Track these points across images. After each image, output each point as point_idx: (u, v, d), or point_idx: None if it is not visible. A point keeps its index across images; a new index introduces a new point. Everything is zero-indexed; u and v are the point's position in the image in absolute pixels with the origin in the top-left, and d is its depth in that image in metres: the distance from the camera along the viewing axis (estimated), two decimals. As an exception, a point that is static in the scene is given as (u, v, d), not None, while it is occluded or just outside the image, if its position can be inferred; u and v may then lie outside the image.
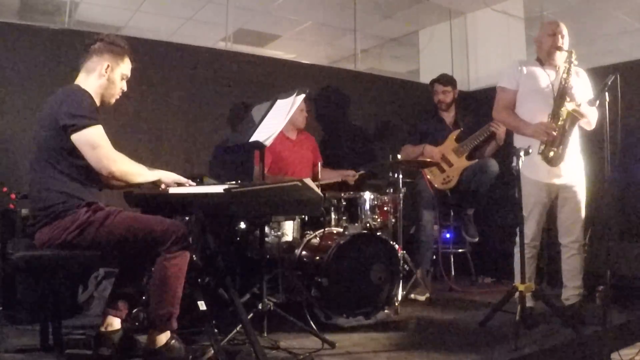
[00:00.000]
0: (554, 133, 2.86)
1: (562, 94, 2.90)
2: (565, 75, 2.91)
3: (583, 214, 3.04)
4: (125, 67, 2.36)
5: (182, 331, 2.32)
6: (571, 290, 3.04)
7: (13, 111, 3.29)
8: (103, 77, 2.28)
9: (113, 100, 2.37)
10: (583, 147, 3.12)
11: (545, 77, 3.02)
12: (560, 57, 3.02)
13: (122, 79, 2.36)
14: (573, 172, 3.01)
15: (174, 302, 2.14)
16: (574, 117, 2.86)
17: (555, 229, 3.15)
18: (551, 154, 2.90)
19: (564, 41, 3.02)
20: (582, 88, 3.03)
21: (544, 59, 3.09)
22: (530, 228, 3.03)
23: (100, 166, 2.10)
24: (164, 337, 2.15)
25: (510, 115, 3.10)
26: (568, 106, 2.87)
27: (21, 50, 3.34)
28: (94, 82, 2.28)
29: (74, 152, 2.11)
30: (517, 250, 3.06)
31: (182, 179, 2.29)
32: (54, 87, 2.27)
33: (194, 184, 2.34)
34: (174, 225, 2.14)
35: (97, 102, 2.28)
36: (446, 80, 4.16)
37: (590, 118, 2.97)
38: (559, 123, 2.88)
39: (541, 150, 2.90)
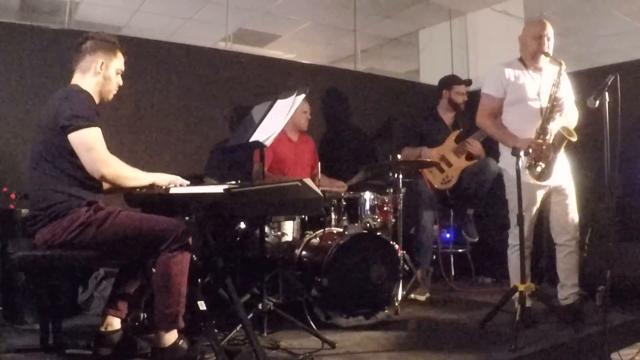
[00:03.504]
0: (544, 149, 2.83)
1: (552, 109, 2.85)
2: (555, 89, 2.86)
3: (576, 211, 3.02)
4: (118, 62, 2.36)
5: (183, 331, 2.31)
6: (570, 288, 3.04)
7: (13, 111, 3.29)
8: (99, 75, 2.29)
9: (111, 96, 2.37)
10: (583, 147, 3.11)
11: (531, 84, 2.97)
12: (544, 60, 2.98)
13: (117, 73, 2.36)
14: (561, 173, 2.99)
15: (179, 300, 2.14)
16: (563, 136, 2.81)
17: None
18: (538, 169, 2.87)
19: (550, 44, 2.95)
20: (567, 92, 3.00)
21: (528, 61, 3.02)
22: (524, 230, 3.03)
23: (92, 169, 2.10)
24: (171, 337, 2.15)
25: (496, 125, 3.05)
26: (558, 123, 2.83)
27: (21, 50, 3.34)
28: (90, 80, 2.28)
29: (73, 152, 2.11)
30: (509, 252, 3.08)
31: (178, 180, 2.29)
32: (54, 87, 2.28)
33: (188, 183, 2.34)
34: (174, 223, 2.14)
35: (96, 100, 2.28)
36: (470, 82, 4.20)
37: (572, 119, 2.93)
38: (547, 138, 2.85)
39: (528, 166, 2.87)
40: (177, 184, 2.29)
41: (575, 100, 3.06)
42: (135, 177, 2.19)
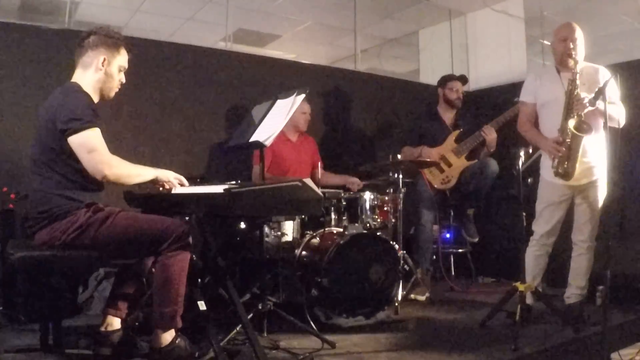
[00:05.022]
0: (563, 149, 2.83)
1: (568, 108, 2.84)
2: (570, 88, 2.85)
3: (596, 215, 3.00)
4: (122, 58, 2.31)
5: (183, 331, 2.32)
6: (574, 289, 3.05)
7: (13, 111, 3.29)
8: (100, 71, 2.25)
9: (112, 94, 2.33)
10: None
11: (559, 85, 2.96)
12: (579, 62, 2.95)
13: (120, 71, 2.32)
14: (592, 172, 2.97)
15: (178, 300, 2.14)
16: (575, 134, 2.80)
17: (560, 228, 3.14)
18: (560, 170, 2.88)
19: (576, 45, 2.90)
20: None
21: (560, 65, 3.04)
22: (540, 226, 3.06)
23: (94, 170, 2.08)
24: (169, 336, 2.15)
25: (530, 129, 3.10)
26: (570, 123, 2.81)
27: (21, 50, 3.33)
28: (91, 77, 2.24)
29: (71, 154, 2.10)
30: (528, 250, 3.08)
31: (182, 180, 2.28)
32: (54, 87, 2.26)
33: (187, 183, 2.33)
34: (174, 223, 2.14)
35: (97, 98, 2.26)
36: (464, 78, 4.21)
37: (616, 116, 2.79)
38: (566, 139, 2.84)
39: (554, 166, 2.90)
40: (177, 182, 2.27)
41: (620, 97, 2.98)
42: (138, 174, 2.18)
